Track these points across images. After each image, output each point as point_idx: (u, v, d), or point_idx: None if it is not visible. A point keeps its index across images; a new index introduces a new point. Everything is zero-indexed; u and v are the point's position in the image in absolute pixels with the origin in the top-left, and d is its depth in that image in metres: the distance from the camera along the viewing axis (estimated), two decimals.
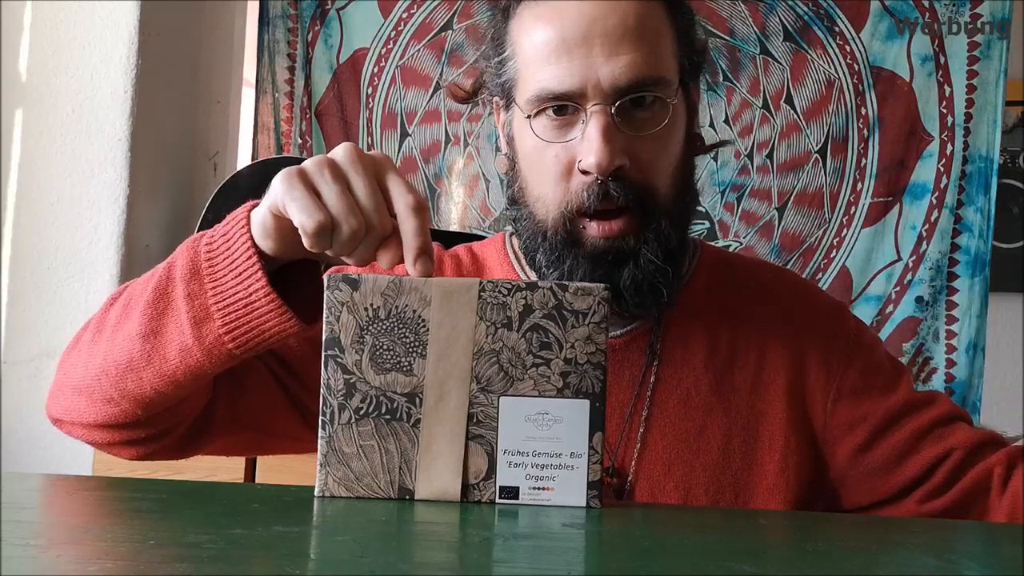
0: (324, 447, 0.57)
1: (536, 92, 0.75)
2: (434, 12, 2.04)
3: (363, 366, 0.57)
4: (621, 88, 0.72)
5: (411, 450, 0.57)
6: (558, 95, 0.73)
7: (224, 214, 0.69)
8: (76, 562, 0.41)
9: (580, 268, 0.76)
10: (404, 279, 0.57)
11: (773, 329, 0.84)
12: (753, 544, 0.52)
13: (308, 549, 0.45)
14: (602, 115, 0.72)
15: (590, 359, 0.57)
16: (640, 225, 0.75)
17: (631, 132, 0.74)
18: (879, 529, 0.57)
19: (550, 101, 0.74)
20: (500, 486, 0.57)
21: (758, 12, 1.99)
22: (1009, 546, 0.52)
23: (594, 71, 0.72)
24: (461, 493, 0.57)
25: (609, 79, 0.72)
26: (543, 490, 0.57)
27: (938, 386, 1.93)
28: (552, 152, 0.75)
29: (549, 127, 0.75)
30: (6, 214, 1.62)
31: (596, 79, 0.72)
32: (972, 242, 1.94)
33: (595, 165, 0.72)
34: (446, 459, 0.57)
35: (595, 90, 0.72)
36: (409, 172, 2.05)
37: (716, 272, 0.88)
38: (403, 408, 0.57)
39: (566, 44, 0.73)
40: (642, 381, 0.81)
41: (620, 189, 0.74)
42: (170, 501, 0.59)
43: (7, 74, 1.63)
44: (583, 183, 0.74)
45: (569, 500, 0.57)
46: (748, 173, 2.00)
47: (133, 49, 1.61)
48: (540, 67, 0.74)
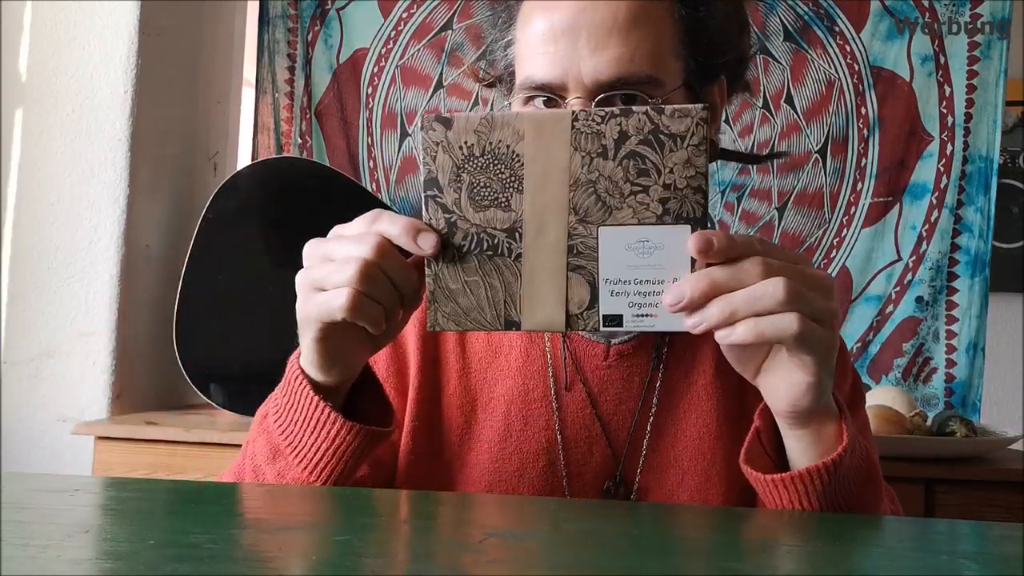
0: (431, 284, 0.58)
1: (522, 81, 0.74)
2: (434, 12, 2.04)
3: (462, 204, 0.57)
4: (602, 84, 0.71)
5: (514, 284, 0.57)
6: (540, 85, 0.73)
7: (224, 214, 0.70)
8: (76, 562, 0.41)
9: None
10: (496, 114, 0.57)
11: None
12: (753, 544, 0.52)
13: (308, 549, 0.45)
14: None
15: (690, 183, 0.55)
16: None
17: None
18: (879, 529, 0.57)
19: (533, 90, 0.74)
20: (603, 315, 0.57)
21: (758, 12, 1.99)
22: (1009, 546, 0.52)
23: (576, 63, 0.71)
24: (565, 323, 0.57)
25: (591, 73, 0.71)
26: (646, 316, 0.57)
27: (938, 386, 1.93)
28: None
29: None
30: (6, 214, 1.62)
31: (578, 72, 0.71)
32: (972, 242, 1.94)
33: None
34: (548, 290, 0.57)
35: (576, 83, 0.72)
36: (409, 172, 2.05)
37: None
38: (504, 243, 0.57)
39: (553, 33, 0.72)
40: (648, 386, 0.81)
41: None
42: (170, 501, 0.59)
43: (7, 74, 1.63)
44: None
45: (672, 325, 0.56)
46: (748, 173, 2.00)
47: (133, 49, 1.61)
48: (529, 57, 0.74)
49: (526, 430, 0.80)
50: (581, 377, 0.82)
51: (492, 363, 0.84)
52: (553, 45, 0.72)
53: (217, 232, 1.65)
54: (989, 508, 1.40)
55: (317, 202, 1.70)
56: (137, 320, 1.64)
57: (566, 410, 0.81)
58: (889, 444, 1.41)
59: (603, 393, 0.81)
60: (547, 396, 0.81)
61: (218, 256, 1.65)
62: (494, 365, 0.83)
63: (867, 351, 1.95)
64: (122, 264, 1.59)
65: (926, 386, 1.93)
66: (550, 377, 0.82)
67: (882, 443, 1.40)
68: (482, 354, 0.84)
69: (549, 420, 0.80)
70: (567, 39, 0.71)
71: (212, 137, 1.89)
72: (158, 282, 1.70)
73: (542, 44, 0.73)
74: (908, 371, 1.94)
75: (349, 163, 2.04)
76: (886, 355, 1.95)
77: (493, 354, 0.84)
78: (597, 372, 0.82)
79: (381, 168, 2.05)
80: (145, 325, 1.67)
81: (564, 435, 0.80)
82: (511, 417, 0.81)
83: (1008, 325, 2.47)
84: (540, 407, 0.81)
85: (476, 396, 0.83)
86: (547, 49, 0.72)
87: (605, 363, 0.82)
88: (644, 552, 0.45)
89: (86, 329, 1.58)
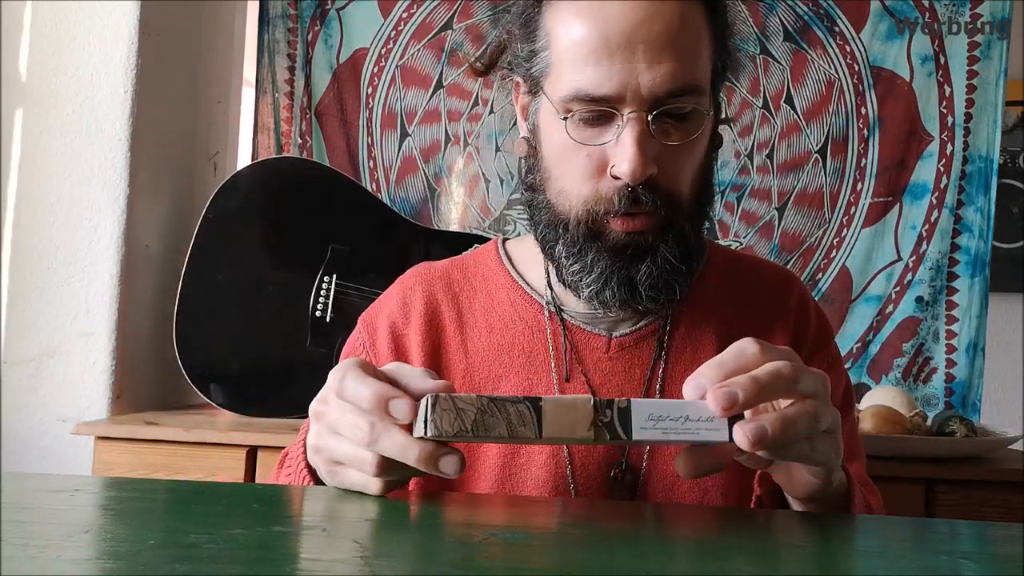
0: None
1: (573, 92, 0.73)
2: (434, 12, 2.04)
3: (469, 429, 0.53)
4: (659, 97, 0.71)
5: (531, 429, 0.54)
6: (596, 98, 0.72)
7: (224, 214, 0.70)
8: (76, 562, 0.41)
9: (601, 260, 0.76)
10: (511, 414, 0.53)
11: (777, 336, 0.84)
12: (754, 544, 0.52)
13: (308, 549, 0.45)
14: (638, 123, 0.71)
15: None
16: (662, 224, 0.75)
17: (664, 141, 0.73)
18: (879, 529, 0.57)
19: (587, 103, 0.73)
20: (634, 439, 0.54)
21: (758, 12, 1.99)
22: (1009, 546, 0.52)
23: (635, 77, 0.71)
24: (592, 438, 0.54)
25: (649, 87, 0.71)
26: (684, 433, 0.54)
27: (938, 386, 1.93)
28: (584, 152, 0.74)
29: (583, 128, 0.74)
30: (6, 214, 1.62)
31: (636, 85, 0.71)
32: (972, 242, 1.94)
33: (628, 173, 0.72)
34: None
35: (634, 96, 0.71)
36: (409, 172, 2.05)
37: (726, 272, 0.88)
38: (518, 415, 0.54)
39: (608, 47, 0.71)
40: (651, 377, 0.81)
41: (648, 195, 0.73)
42: (170, 501, 0.59)
43: (7, 74, 1.63)
44: (613, 187, 0.74)
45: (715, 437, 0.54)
46: (748, 173, 2.00)
47: (133, 49, 1.61)
48: (577, 66, 0.73)
49: None
50: (583, 369, 0.82)
51: (496, 360, 0.84)
52: (608, 58, 0.71)
53: (217, 232, 1.65)
54: (989, 508, 1.40)
55: (317, 202, 1.70)
56: (137, 320, 1.64)
57: None
58: (889, 444, 1.41)
59: (605, 384, 0.82)
60: (550, 389, 0.82)
61: (218, 256, 1.65)
62: (498, 362, 0.84)
63: (867, 351, 1.95)
64: (122, 264, 1.59)
65: (926, 386, 1.93)
66: (552, 370, 0.82)
67: (882, 443, 1.40)
68: (485, 352, 0.84)
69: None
70: (624, 53, 0.70)
71: (212, 137, 1.89)
72: (158, 282, 1.70)
73: (594, 56, 0.71)
74: (908, 371, 1.94)
75: (349, 163, 2.04)
76: (886, 355, 1.95)
77: (496, 351, 0.84)
78: (599, 363, 0.83)
79: (381, 168, 2.05)
80: (145, 325, 1.67)
81: None
82: None
83: (1008, 325, 2.47)
84: None
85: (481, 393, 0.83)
86: (601, 61, 0.71)
87: (607, 355, 0.83)
88: (645, 552, 0.45)
89: (86, 329, 1.58)
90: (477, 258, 0.91)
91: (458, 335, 0.85)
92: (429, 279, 0.89)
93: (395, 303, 0.88)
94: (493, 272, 0.89)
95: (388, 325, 0.87)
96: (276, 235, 1.69)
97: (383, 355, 0.86)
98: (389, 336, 0.86)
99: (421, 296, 0.87)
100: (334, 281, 1.66)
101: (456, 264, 0.91)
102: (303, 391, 1.44)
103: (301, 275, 1.67)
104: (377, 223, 1.73)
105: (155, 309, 1.69)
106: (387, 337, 0.86)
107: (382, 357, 0.85)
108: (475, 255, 0.92)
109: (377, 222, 1.73)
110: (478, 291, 0.88)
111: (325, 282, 1.66)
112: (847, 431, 0.83)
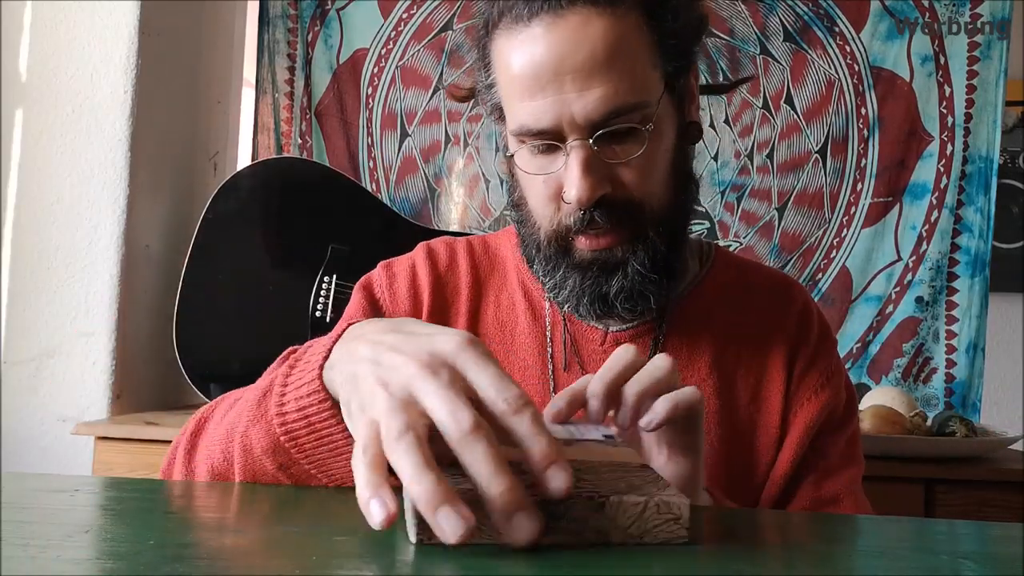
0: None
1: (517, 127, 0.75)
2: (434, 12, 2.04)
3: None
4: (597, 121, 0.72)
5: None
6: (536, 132, 0.73)
7: (224, 214, 0.69)
8: (76, 562, 0.41)
9: (572, 277, 0.78)
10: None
11: (776, 344, 0.85)
12: (753, 544, 0.52)
13: (308, 549, 0.45)
14: (581, 150, 0.72)
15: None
16: (629, 236, 0.76)
17: (612, 160, 0.73)
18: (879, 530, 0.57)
19: (532, 136, 0.74)
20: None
21: (758, 12, 1.99)
22: (1009, 546, 0.52)
23: (567, 107, 0.71)
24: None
25: (583, 115, 0.71)
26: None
27: (938, 386, 1.93)
28: (540, 179, 0.76)
29: (534, 159, 0.76)
30: (6, 214, 1.62)
31: (570, 115, 0.71)
32: (972, 242, 1.94)
33: (576, 199, 0.73)
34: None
35: (571, 126, 0.72)
36: (409, 172, 2.05)
37: (729, 276, 0.89)
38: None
39: (538, 81, 0.72)
40: None
41: (604, 215, 0.74)
42: (170, 501, 0.59)
43: (7, 74, 1.63)
44: (569, 211, 0.75)
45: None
46: (748, 173, 2.00)
47: (133, 49, 1.61)
48: (516, 102, 0.74)
49: None
50: (579, 360, 0.84)
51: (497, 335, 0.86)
52: (540, 93, 0.72)
53: (217, 232, 1.65)
54: (989, 508, 1.40)
55: (317, 202, 1.70)
56: (137, 320, 1.64)
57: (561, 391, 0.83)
58: (889, 444, 1.41)
59: None
60: (545, 377, 0.83)
61: (218, 256, 1.65)
62: (499, 339, 0.86)
63: (867, 351, 1.95)
64: (122, 264, 1.59)
65: (926, 386, 1.93)
66: (550, 359, 0.84)
67: (882, 443, 1.41)
68: (491, 324, 0.87)
69: (545, 399, 0.83)
70: (553, 87, 0.71)
71: (212, 137, 1.89)
72: (158, 282, 1.70)
73: (528, 92, 0.72)
74: (908, 371, 1.94)
75: (349, 163, 2.04)
76: (886, 355, 1.95)
77: (500, 328, 0.87)
78: (594, 356, 0.84)
79: (381, 168, 2.05)
80: (145, 325, 1.67)
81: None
82: None
83: (1008, 325, 2.47)
84: (537, 384, 0.84)
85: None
86: (535, 96, 0.72)
87: (602, 348, 0.84)
88: (645, 552, 0.45)
89: (86, 329, 1.58)
90: (499, 238, 0.94)
91: (469, 302, 0.88)
92: (452, 246, 0.92)
93: (420, 255, 0.91)
94: (509, 252, 0.91)
95: (408, 269, 0.89)
96: (276, 235, 1.69)
97: (401, 299, 0.88)
98: (408, 282, 0.88)
99: (445, 254, 0.91)
100: (334, 281, 1.67)
101: (479, 240, 0.94)
102: None
103: (301, 275, 1.67)
104: (377, 223, 1.73)
105: (155, 309, 1.69)
106: (407, 283, 0.88)
107: (400, 302, 0.87)
108: (497, 236, 0.95)
109: (377, 222, 1.73)
110: (495, 268, 0.91)
111: (325, 282, 1.66)
112: (845, 441, 0.84)
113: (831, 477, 0.81)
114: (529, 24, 0.72)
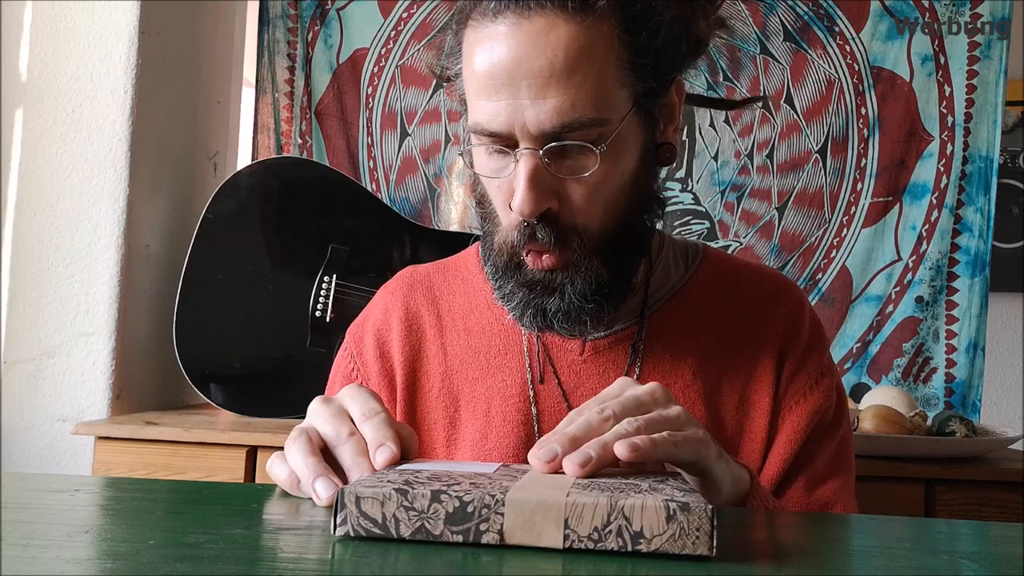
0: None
1: (473, 124, 0.73)
2: (434, 12, 2.04)
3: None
4: (548, 133, 0.69)
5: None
6: (489, 133, 0.71)
7: (224, 214, 0.70)
8: (76, 562, 0.41)
9: (519, 292, 0.76)
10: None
11: (765, 346, 0.83)
12: (752, 545, 0.52)
13: (308, 549, 0.45)
14: (530, 158, 0.70)
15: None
16: (569, 260, 0.74)
17: (561, 175, 0.71)
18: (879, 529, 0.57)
19: (486, 137, 0.72)
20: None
21: (758, 12, 1.99)
22: (1009, 546, 0.52)
23: (520, 114, 0.69)
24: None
25: (535, 124, 0.69)
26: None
27: (938, 386, 1.93)
28: (495, 183, 0.74)
29: (489, 160, 0.74)
30: (6, 214, 1.62)
31: (523, 122, 0.69)
32: (972, 242, 1.94)
33: (519, 209, 0.70)
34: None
35: (522, 133, 0.70)
36: (409, 172, 2.05)
37: (715, 279, 0.87)
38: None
39: (495, 82, 0.69)
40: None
41: (546, 232, 0.72)
42: (170, 501, 0.59)
43: (7, 74, 1.63)
44: (514, 221, 0.74)
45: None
46: (748, 173, 2.00)
47: (133, 49, 1.61)
48: (474, 99, 0.72)
49: (505, 426, 0.82)
50: (555, 371, 0.83)
51: (472, 362, 0.85)
52: (496, 94, 0.70)
53: (217, 232, 1.65)
54: (989, 508, 1.40)
55: (317, 202, 1.70)
56: (137, 320, 1.64)
57: (543, 404, 0.82)
58: (889, 444, 1.41)
59: (579, 387, 0.82)
60: (524, 391, 0.83)
61: (218, 256, 1.65)
62: (474, 365, 0.85)
63: (867, 351, 1.95)
64: (122, 264, 1.59)
65: (926, 386, 1.93)
66: (527, 372, 0.84)
67: (882, 443, 1.41)
68: (463, 355, 0.86)
69: (527, 415, 0.82)
70: (509, 90, 0.69)
71: (212, 137, 1.89)
72: (158, 282, 1.70)
73: (486, 92, 0.70)
74: (908, 371, 1.94)
75: (349, 163, 2.04)
76: (886, 355, 1.95)
77: (473, 353, 0.86)
78: (572, 366, 0.83)
79: (381, 168, 2.05)
80: (145, 325, 1.67)
81: (541, 429, 0.81)
82: (491, 413, 0.83)
83: (1008, 325, 2.47)
84: (518, 402, 0.83)
85: (459, 395, 0.85)
86: (491, 97, 0.70)
87: (580, 358, 0.83)
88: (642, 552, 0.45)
89: (86, 329, 1.58)
90: (460, 260, 0.92)
91: (437, 339, 0.87)
92: (411, 284, 0.91)
93: (379, 311, 0.91)
94: (473, 274, 0.90)
95: (373, 333, 0.89)
96: (276, 235, 1.69)
97: (370, 363, 0.88)
98: (375, 344, 0.88)
99: (402, 302, 0.90)
100: (334, 281, 1.67)
101: (439, 267, 0.92)
102: (303, 391, 1.45)
103: (301, 275, 1.67)
104: (377, 223, 1.73)
105: (155, 309, 1.69)
106: (373, 346, 0.88)
107: (369, 366, 0.88)
108: (459, 257, 0.93)
109: (377, 222, 1.73)
110: (458, 294, 0.89)
111: (325, 282, 1.66)
112: (834, 446, 0.83)
113: (822, 483, 0.81)
114: (495, 21, 0.70)
